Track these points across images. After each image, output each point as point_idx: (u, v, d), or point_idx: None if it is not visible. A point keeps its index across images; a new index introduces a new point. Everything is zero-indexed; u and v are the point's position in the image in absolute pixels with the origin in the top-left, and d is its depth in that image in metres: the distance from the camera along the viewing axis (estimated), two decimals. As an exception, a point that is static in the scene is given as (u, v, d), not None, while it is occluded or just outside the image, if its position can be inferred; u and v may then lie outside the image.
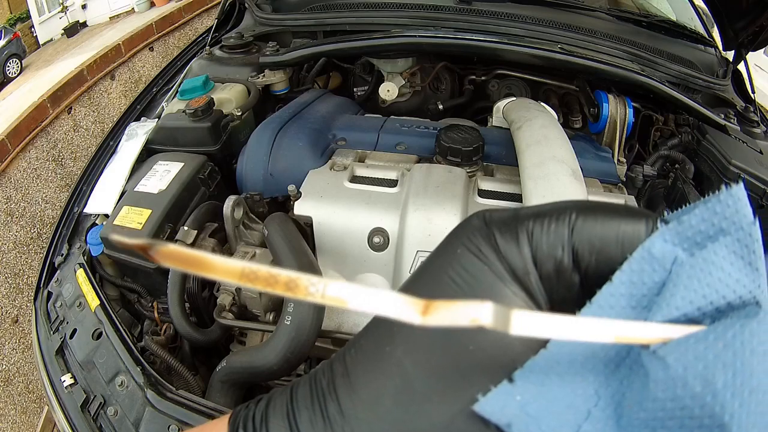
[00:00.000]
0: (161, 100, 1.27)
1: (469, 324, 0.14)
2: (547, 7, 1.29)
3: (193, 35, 3.18)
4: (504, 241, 0.18)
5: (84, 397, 0.75)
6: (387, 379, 0.18)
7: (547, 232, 0.17)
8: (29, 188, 2.16)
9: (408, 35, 1.13)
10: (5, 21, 4.42)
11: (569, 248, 0.17)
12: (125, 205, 0.88)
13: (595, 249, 0.17)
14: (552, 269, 0.17)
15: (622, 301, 0.16)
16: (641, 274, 0.15)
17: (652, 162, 1.13)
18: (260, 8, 1.40)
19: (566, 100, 1.32)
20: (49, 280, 0.96)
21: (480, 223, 0.19)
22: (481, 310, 0.14)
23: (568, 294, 0.18)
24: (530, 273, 0.18)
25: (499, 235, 0.18)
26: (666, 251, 0.15)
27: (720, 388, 0.13)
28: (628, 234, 0.17)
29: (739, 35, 1.33)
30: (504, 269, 0.18)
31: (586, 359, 0.16)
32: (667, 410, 0.13)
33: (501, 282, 0.18)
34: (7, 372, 1.90)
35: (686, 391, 0.13)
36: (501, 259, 0.18)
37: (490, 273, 0.18)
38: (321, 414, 0.19)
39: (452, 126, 0.97)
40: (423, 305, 0.15)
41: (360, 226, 0.83)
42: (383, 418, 0.18)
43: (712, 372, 0.13)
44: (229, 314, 0.80)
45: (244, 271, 0.16)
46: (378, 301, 0.15)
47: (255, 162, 0.96)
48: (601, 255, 0.17)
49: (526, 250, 0.18)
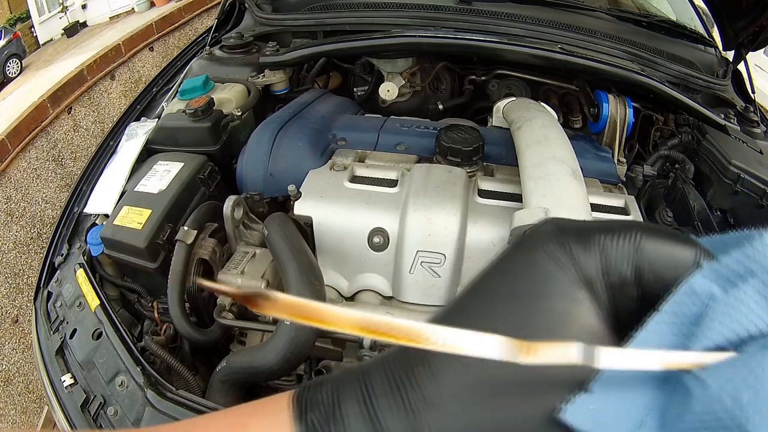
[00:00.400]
0: (161, 100, 1.27)
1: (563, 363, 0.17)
2: (547, 7, 1.29)
3: (193, 35, 3.18)
4: (578, 249, 0.20)
5: (84, 397, 0.75)
6: (471, 370, 0.19)
7: (616, 247, 0.20)
8: (29, 188, 2.16)
9: (408, 35, 1.13)
10: (5, 21, 4.42)
11: (633, 264, 0.20)
12: (125, 205, 0.88)
13: (653, 268, 0.19)
14: (617, 281, 0.20)
15: (665, 329, 0.19)
16: (683, 306, 0.19)
17: (652, 162, 1.13)
18: (260, 8, 1.40)
19: (566, 100, 1.32)
20: (49, 280, 0.96)
21: (555, 231, 0.21)
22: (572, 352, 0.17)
23: (627, 304, 0.20)
24: (598, 282, 0.20)
25: (574, 244, 0.20)
26: (704, 287, 0.18)
27: (745, 404, 0.16)
28: (681, 259, 0.19)
29: (739, 35, 1.33)
30: (577, 276, 0.20)
31: (641, 375, 0.18)
32: (703, 421, 0.16)
33: (576, 287, 0.19)
34: (7, 372, 1.90)
35: (720, 406, 0.16)
36: (575, 265, 0.20)
37: (566, 278, 0.20)
38: (402, 402, 0.19)
39: (452, 126, 0.97)
40: (525, 347, 0.17)
41: (360, 226, 0.83)
42: (467, 409, 0.18)
43: (740, 391, 0.16)
44: (229, 314, 0.80)
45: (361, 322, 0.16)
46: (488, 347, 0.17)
47: (255, 162, 0.96)
48: (658, 275, 0.19)
49: (597, 260, 0.20)
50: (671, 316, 0.19)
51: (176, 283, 0.80)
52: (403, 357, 0.20)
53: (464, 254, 0.81)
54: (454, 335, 0.17)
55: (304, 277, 0.73)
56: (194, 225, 0.85)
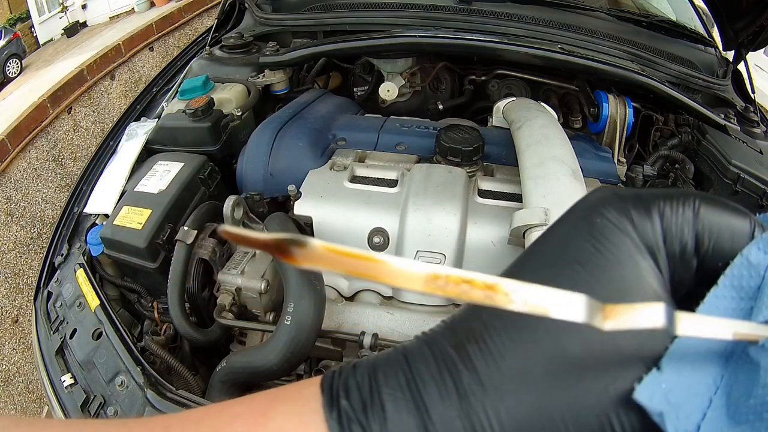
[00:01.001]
0: (161, 100, 1.27)
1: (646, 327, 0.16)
2: (547, 7, 1.29)
3: (193, 35, 3.18)
4: (639, 216, 0.19)
5: (84, 397, 0.75)
6: (539, 347, 0.17)
7: (677, 213, 0.19)
8: (29, 188, 2.16)
9: (408, 35, 1.13)
10: (5, 21, 4.42)
11: (693, 232, 0.18)
12: (125, 205, 0.88)
13: (713, 237, 0.18)
14: (678, 250, 0.19)
15: (726, 303, 0.18)
16: (740, 279, 0.18)
17: (652, 162, 1.12)
18: (260, 8, 1.40)
19: (566, 100, 1.32)
20: (49, 280, 0.96)
21: (613, 197, 0.20)
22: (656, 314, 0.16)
23: (686, 275, 0.19)
24: (660, 250, 0.19)
25: (634, 210, 0.19)
26: (760, 259, 0.18)
27: None
28: (738, 228, 0.18)
29: (739, 35, 1.33)
30: (641, 242, 0.18)
31: (707, 352, 0.18)
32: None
33: (639, 254, 0.18)
34: (7, 372, 1.90)
35: None
36: (637, 232, 0.18)
37: (630, 244, 0.18)
38: (454, 386, 0.17)
39: (452, 126, 0.97)
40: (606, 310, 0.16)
41: (360, 226, 0.83)
42: (533, 389, 0.17)
43: None
44: (229, 314, 0.80)
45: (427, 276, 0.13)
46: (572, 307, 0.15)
47: (255, 162, 0.96)
48: (717, 244, 0.18)
49: (658, 227, 0.19)
50: (730, 290, 0.18)
51: (176, 283, 0.80)
52: (452, 335, 0.18)
53: (464, 254, 0.81)
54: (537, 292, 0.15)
55: (304, 277, 0.73)
56: (194, 225, 0.85)
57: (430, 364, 0.18)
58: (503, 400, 0.17)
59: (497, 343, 0.17)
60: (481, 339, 0.18)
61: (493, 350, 0.17)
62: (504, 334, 0.18)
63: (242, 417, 0.19)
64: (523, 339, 0.17)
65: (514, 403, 0.17)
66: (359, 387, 0.18)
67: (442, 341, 0.18)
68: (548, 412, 0.17)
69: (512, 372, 0.17)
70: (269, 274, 0.82)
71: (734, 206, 0.19)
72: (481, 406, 0.17)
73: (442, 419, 0.17)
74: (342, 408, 0.17)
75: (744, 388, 0.17)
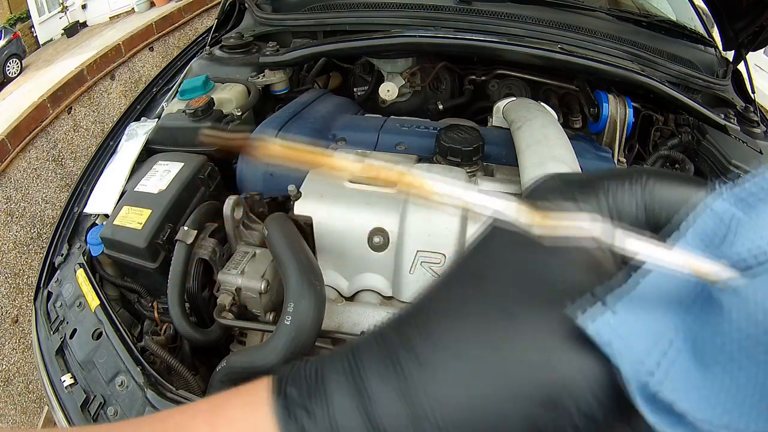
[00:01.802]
0: (161, 100, 1.27)
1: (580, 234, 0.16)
2: (547, 7, 1.29)
3: (193, 35, 3.18)
4: (584, 196, 0.19)
5: (84, 397, 0.75)
6: (473, 300, 0.18)
7: (623, 189, 0.19)
8: (29, 188, 2.16)
9: (408, 35, 1.13)
10: (5, 21, 4.42)
11: (643, 205, 0.19)
12: (125, 205, 0.88)
13: (664, 208, 0.19)
14: (628, 224, 0.19)
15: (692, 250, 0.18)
16: (706, 228, 0.18)
17: (652, 162, 1.12)
18: (260, 8, 1.40)
19: (566, 100, 1.32)
20: (49, 280, 0.96)
21: (560, 183, 0.20)
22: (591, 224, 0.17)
23: None
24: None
25: (579, 193, 0.20)
26: (725, 209, 0.18)
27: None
28: (692, 197, 0.19)
29: (739, 35, 1.33)
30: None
31: (665, 295, 0.18)
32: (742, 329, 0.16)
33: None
34: (7, 372, 1.90)
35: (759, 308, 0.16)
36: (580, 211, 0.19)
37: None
38: (393, 367, 0.17)
39: (452, 126, 0.97)
40: (539, 214, 0.17)
41: (360, 226, 0.83)
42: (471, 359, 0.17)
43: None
44: (229, 314, 0.80)
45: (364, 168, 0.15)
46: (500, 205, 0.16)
47: (255, 162, 0.96)
48: (670, 213, 0.19)
49: (603, 204, 0.19)
50: (694, 238, 0.18)
51: (176, 283, 0.80)
52: (397, 323, 0.19)
53: (464, 254, 0.81)
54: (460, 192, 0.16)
55: (304, 277, 0.73)
56: (194, 225, 0.85)
57: (373, 350, 0.18)
58: (439, 374, 0.17)
59: (434, 324, 0.18)
60: (422, 323, 0.18)
61: (431, 330, 0.18)
62: (443, 315, 0.18)
63: (203, 412, 0.20)
64: (457, 303, 0.18)
65: (450, 375, 0.17)
66: (306, 377, 0.19)
67: (386, 330, 0.19)
68: (484, 380, 0.17)
69: (447, 347, 0.17)
70: (269, 274, 0.82)
71: (688, 178, 0.20)
72: (420, 382, 0.17)
73: (381, 400, 0.17)
74: (288, 394, 0.18)
75: (711, 328, 0.17)
